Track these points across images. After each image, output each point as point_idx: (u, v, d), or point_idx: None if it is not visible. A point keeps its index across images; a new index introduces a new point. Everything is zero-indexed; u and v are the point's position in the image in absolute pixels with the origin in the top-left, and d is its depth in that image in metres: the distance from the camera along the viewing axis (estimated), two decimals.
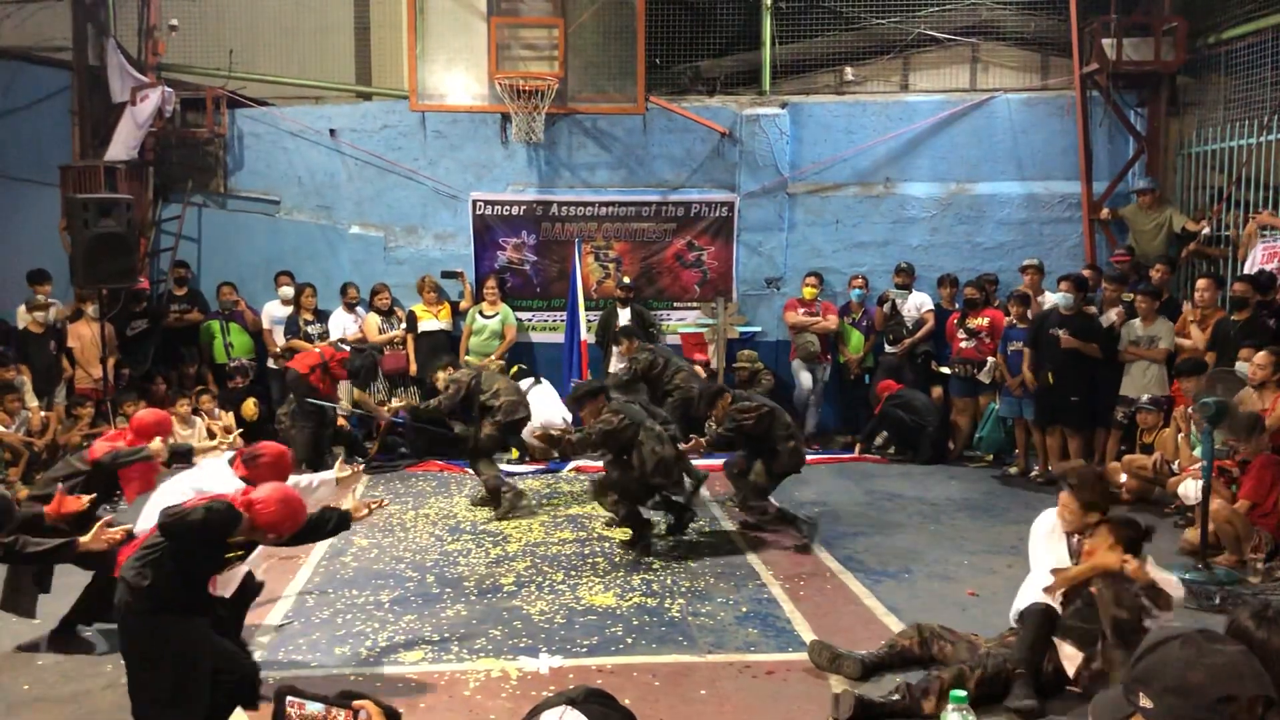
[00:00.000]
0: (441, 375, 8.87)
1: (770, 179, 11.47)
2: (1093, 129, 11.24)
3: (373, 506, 5.29)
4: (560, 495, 9.02)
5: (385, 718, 2.30)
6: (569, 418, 9.70)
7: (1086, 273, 10.12)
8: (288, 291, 11.02)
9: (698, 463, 8.04)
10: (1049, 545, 5.21)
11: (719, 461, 9.42)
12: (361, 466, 7.22)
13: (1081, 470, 5.32)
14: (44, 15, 11.13)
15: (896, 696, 4.63)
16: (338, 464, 6.09)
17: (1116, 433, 9.05)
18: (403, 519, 8.19)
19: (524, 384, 10.12)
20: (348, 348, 10.27)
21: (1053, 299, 9.53)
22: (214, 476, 5.33)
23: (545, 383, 10.15)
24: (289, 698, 2.45)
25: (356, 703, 2.36)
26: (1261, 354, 7.42)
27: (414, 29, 11.04)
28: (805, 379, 11.04)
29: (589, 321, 11.21)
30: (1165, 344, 8.78)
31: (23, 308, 10.10)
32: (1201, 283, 8.83)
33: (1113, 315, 9.37)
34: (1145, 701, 1.87)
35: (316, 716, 2.44)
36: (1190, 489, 7.43)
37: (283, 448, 5.43)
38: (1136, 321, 8.98)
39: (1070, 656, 4.88)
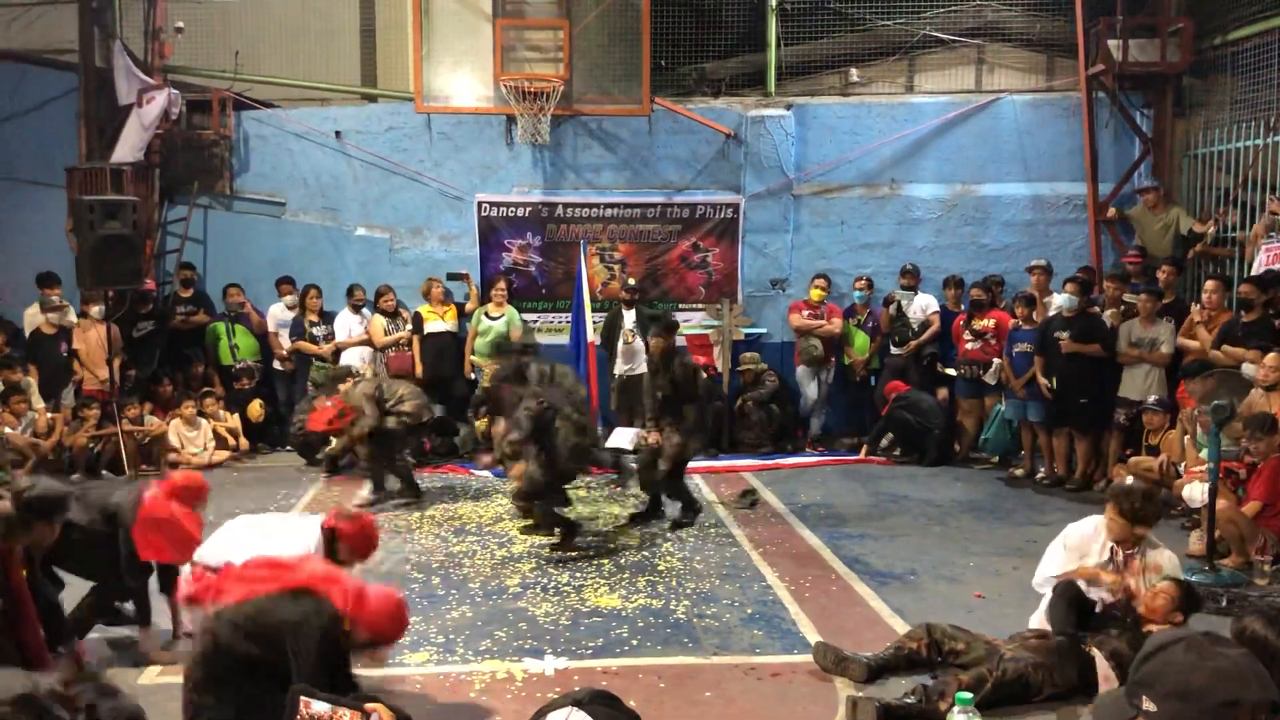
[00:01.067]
0: (343, 388, 8.91)
1: (775, 180, 11.47)
2: (1098, 130, 11.22)
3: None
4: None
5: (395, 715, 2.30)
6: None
7: (1080, 274, 10.12)
8: (290, 300, 11.07)
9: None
10: (1069, 559, 5.17)
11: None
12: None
13: (1131, 485, 5.26)
14: (51, 18, 11.16)
15: (912, 699, 4.59)
16: None
17: (1118, 434, 9.02)
18: (408, 520, 8.19)
19: None
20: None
21: (1059, 301, 9.52)
22: (287, 535, 5.11)
23: None
24: (301, 697, 2.45)
25: (369, 705, 2.36)
26: (1272, 355, 7.39)
27: (419, 31, 11.04)
28: (810, 389, 11.05)
29: (594, 323, 11.20)
30: (1166, 348, 8.75)
31: (35, 308, 10.14)
32: (1209, 284, 8.81)
33: (1107, 316, 9.34)
34: (1148, 705, 1.86)
35: (322, 716, 2.44)
36: (1196, 492, 7.41)
37: (373, 518, 5.34)
38: (1135, 322, 8.95)
39: (1106, 678, 4.82)
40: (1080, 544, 5.20)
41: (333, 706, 2.55)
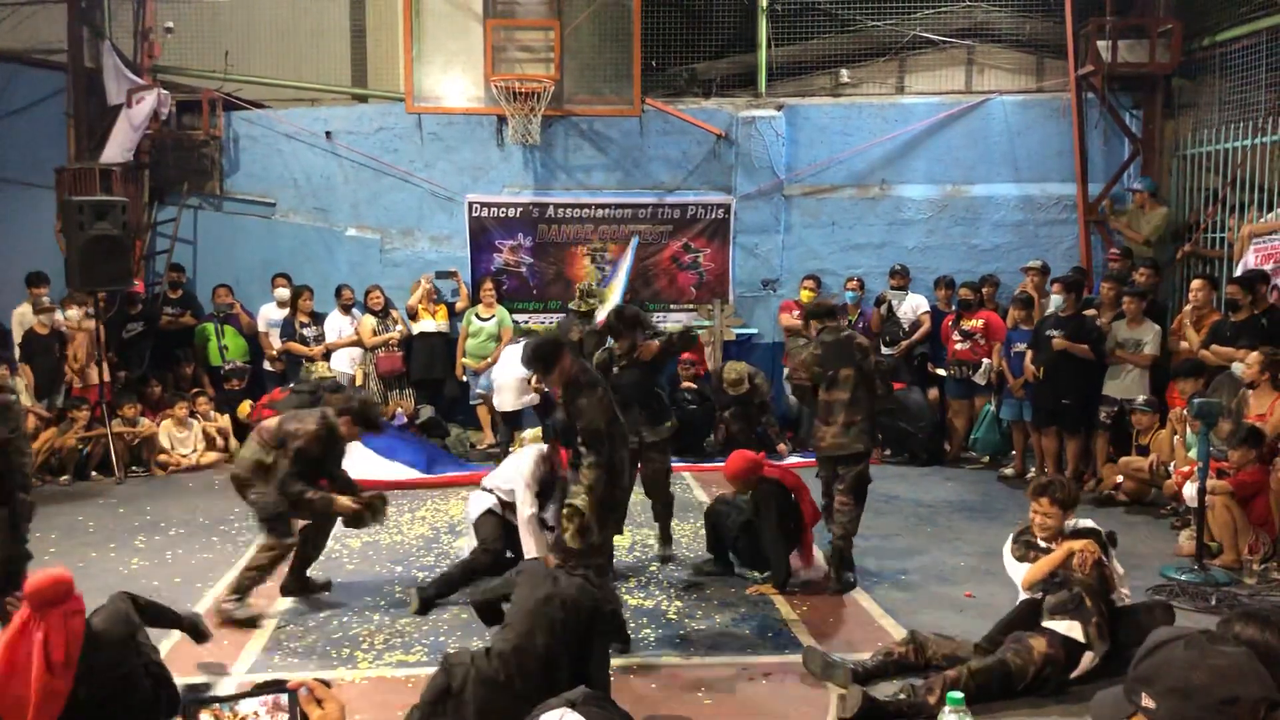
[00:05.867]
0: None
1: (766, 181, 11.48)
2: (1088, 131, 11.26)
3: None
4: None
5: (327, 686, 2.21)
6: None
7: (1072, 273, 10.16)
8: (283, 293, 11.00)
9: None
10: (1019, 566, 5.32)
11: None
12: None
13: (1048, 479, 5.42)
14: (40, 17, 11.11)
15: (902, 696, 4.63)
16: None
17: (1104, 434, 9.03)
18: (398, 522, 8.17)
19: None
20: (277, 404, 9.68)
21: (1055, 302, 9.54)
22: None
23: None
24: (201, 714, 2.15)
25: (293, 682, 2.22)
26: (1253, 354, 7.44)
27: (410, 31, 11.03)
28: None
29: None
30: (1150, 349, 8.76)
31: (28, 308, 10.09)
32: (1195, 283, 8.84)
33: (1100, 320, 9.36)
34: (1148, 701, 1.86)
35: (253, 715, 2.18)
36: (1192, 490, 7.42)
37: None
38: (1122, 323, 8.97)
39: (1070, 629, 4.94)
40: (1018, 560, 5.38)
41: (262, 700, 2.23)
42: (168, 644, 5.60)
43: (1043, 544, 5.23)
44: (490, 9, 11.07)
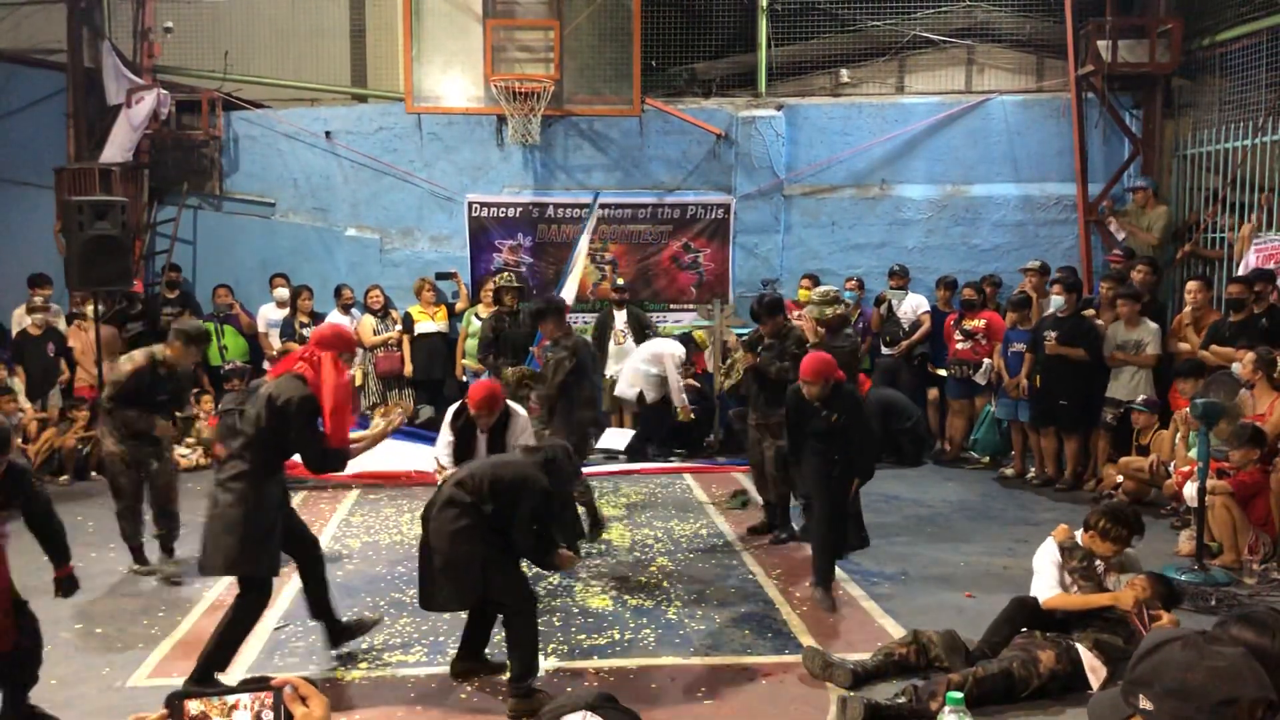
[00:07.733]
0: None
1: (766, 181, 11.48)
2: (1088, 131, 11.25)
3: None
4: None
5: (312, 684, 2.20)
6: None
7: (1059, 272, 10.14)
8: (282, 293, 11.00)
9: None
10: (1056, 575, 5.18)
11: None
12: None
13: (1107, 511, 5.28)
14: (39, 18, 11.13)
15: (903, 699, 4.59)
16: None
17: (1105, 434, 9.02)
18: (398, 521, 8.17)
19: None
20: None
21: (1055, 302, 9.53)
22: None
23: None
24: (189, 703, 2.17)
25: (278, 679, 2.21)
26: (1247, 354, 7.44)
27: (409, 31, 11.03)
28: None
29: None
30: (1152, 349, 8.76)
31: (22, 309, 10.08)
32: (1191, 284, 8.85)
33: (1100, 320, 9.35)
34: (1145, 703, 1.86)
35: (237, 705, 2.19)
36: (1193, 490, 7.42)
37: None
38: (1120, 325, 8.97)
39: (1094, 669, 4.89)
40: (1056, 566, 5.23)
41: (250, 695, 2.26)
42: (168, 643, 5.63)
43: (1109, 584, 5.10)
44: (490, 9, 11.07)
